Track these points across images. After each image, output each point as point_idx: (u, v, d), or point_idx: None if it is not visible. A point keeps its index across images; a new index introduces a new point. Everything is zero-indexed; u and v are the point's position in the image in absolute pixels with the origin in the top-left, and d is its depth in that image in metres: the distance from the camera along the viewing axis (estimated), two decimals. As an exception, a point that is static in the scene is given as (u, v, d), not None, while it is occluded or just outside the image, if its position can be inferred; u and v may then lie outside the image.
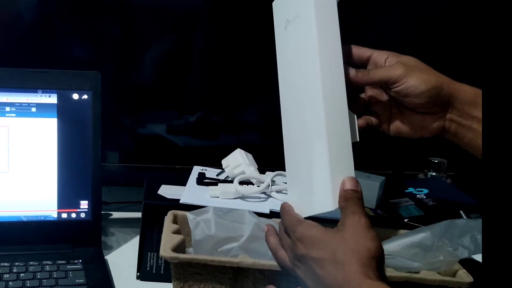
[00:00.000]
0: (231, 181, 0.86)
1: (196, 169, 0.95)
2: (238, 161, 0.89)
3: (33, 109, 0.86)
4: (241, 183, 0.86)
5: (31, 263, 0.81)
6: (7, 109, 0.85)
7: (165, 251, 0.68)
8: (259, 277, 0.69)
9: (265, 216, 0.78)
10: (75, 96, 0.87)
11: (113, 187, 1.01)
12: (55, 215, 0.87)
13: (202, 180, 0.90)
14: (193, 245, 0.73)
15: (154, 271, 0.84)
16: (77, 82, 0.87)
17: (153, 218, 0.82)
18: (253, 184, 0.87)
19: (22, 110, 0.85)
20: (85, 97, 0.87)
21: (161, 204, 0.82)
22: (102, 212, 0.91)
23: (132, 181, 1.04)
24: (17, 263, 0.80)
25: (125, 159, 1.09)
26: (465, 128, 0.69)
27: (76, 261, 0.83)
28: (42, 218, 0.87)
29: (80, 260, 0.83)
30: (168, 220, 0.76)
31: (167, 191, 0.86)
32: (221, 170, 0.92)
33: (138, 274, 0.85)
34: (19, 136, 0.85)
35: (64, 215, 0.87)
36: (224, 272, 0.69)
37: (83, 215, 0.88)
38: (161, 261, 0.84)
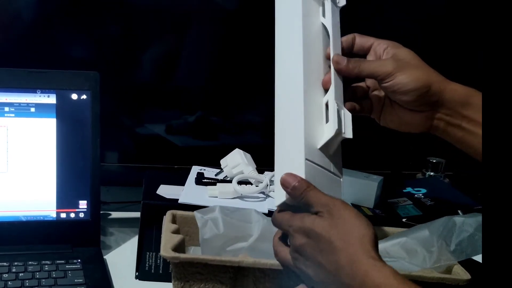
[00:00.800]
0: (230, 181, 0.87)
1: (195, 169, 0.95)
2: (237, 161, 0.89)
3: (32, 109, 0.86)
4: (240, 183, 0.86)
5: (30, 263, 0.81)
6: (6, 109, 0.85)
7: (165, 251, 0.68)
8: (259, 276, 0.69)
9: (264, 215, 0.78)
10: (74, 96, 0.87)
11: (112, 187, 1.01)
12: (54, 215, 0.87)
13: (201, 180, 0.90)
14: (201, 243, 0.73)
15: (153, 270, 0.84)
16: (76, 82, 0.87)
17: (152, 218, 0.82)
18: (251, 184, 0.87)
19: (21, 110, 0.85)
20: (84, 97, 0.87)
21: (160, 204, 0.82)
22: (101, 212, 0.91)
23: (131, 181, 1.04)
24: (16, 263, 0.80)
25: (124, 159, 1.09)
26: (455, 127, 0.69)
27: (75, 260, 0.83)
28: (41, 218, 0.87)
29: (79, 260, 0.83)
30: (167, 220, 0.76)
31: (166, 191, 0.86)
32: (219, 170, 0.92)
33: (137, 273, 0.85)
34: (18, 136, 0.85)
35: (63, 215, 0.87)
36: (224, 271, 0.69)
37: (82, 215, 0.88)
38: (159, 260, 0.84)
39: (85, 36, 1.00)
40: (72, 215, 0.88)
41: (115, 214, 1.03)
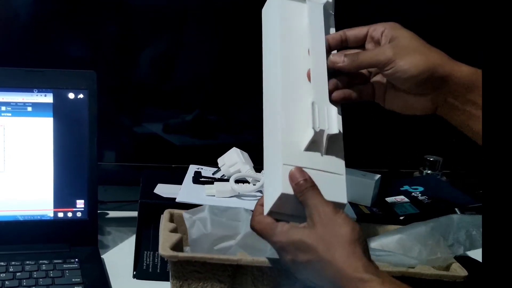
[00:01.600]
0: (227, 180, 0.87)
1: (192, 168, 0.95)
2: (234, 160, 0.89)
3: (29, 109, 0.86)
4: (237, 181, 0.86)
5: (28, 262, 0.81)
6: (3, 108, 0.85)
7: (164, 250, 0.68)
8: (258, 274, 0.69)
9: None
10: (71, 96, 0.87)
11: (110, 186, 1.01)
12: (51, 214, 0.87)
13: (198, 178, 0.90)
14: (190, 244, 0.73)
15: (150, 269, 0.84)
16: (73, 81, 0.87)
17: (149, 217, 0.82)
18: (249, 183, 0.87)
19: (18, 109, 0.85)
20: (81, 96, 0.87)
21: (157, 203, 0.82)
22: (99, 211, 0.90)
23: (128, 180, 1.04)
24: (13, 263, 0.80)
25: (122, 158, 1.09)
26: (458, 110, 0.67)
27: (72, 260, 0.83)
28: (39, 217, 0.86)
29: (77, 259, 0.83)
30: (165, 219, 0.76)
31: (163, 190, 0.86)
32: (217, 168, 0.92)
33: (135, 273, 0.85)
34: (15, 136, 0.85)
35: (61, 215, 0.87)
36: (223, 270, 0.69)
37: (79, 214, 0.88)
38: (157, 259, 0.84)
39: (82, 35, 1.00)
40: (70, 214, 0.88)
41: (112, 213, 1.03)
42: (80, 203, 0.88)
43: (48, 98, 0.86)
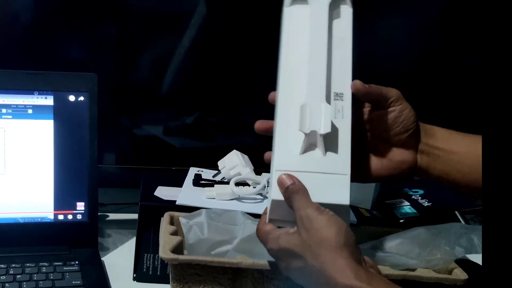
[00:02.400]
0: (227, 183, 0.87)
1: (193, 171, 0.95)
2: (234, 162, 0.89)
3: (30, 111, 0.86)
4: (237, 184, 0.86)
5: (28, 264, 0.81)
6: (3, 111, 0.85)
7: (164, 252, 0.68)
8: (258, 277, 0.69)
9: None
10: (72, 98, 0.87)
11: (110, 189, 1.01)
12: (51, 216, 0.87)
13: (198, 181, 0.90)
14: (187, 249, 0.73)
15: (150, 272, 0.84)
16: (73, 83, 0.87)
17: (149, 219, 0.82)
18: (249, 185, 0.87)
19: (19, 112, 0.85)
20: (81, 98, 0.87)
21: (157, 206, 0.82)
22: (99, 214, 0.90)
23: (128, 183, 1.04)
24: (13, 265, 0.80)
25: (122, 160, 1.09)
26: (434, 159, 0.69)
27: (72, 262, 0.82)
28: (39, 219, 0.86)
29: (77, 262, 0.83)
30: (165, 222, 0.76)
31: (163, 192, 0.86)
32: (217, 171, 0.92)
33: (135, 275, 0.85)
34: (16, 138, 0.85)
35: (61, 217, 0.87)
36: (223, 272, 0.69)
37: (79, 216, 0.88)
38: (157, 262, 0.84)
39: (82, 38, 1.00)
40: (70, 216, 0.88)
41: (112, 216, 1.03)
42: (81, 206, 0.88)
43: (49, 101, 0.86)
